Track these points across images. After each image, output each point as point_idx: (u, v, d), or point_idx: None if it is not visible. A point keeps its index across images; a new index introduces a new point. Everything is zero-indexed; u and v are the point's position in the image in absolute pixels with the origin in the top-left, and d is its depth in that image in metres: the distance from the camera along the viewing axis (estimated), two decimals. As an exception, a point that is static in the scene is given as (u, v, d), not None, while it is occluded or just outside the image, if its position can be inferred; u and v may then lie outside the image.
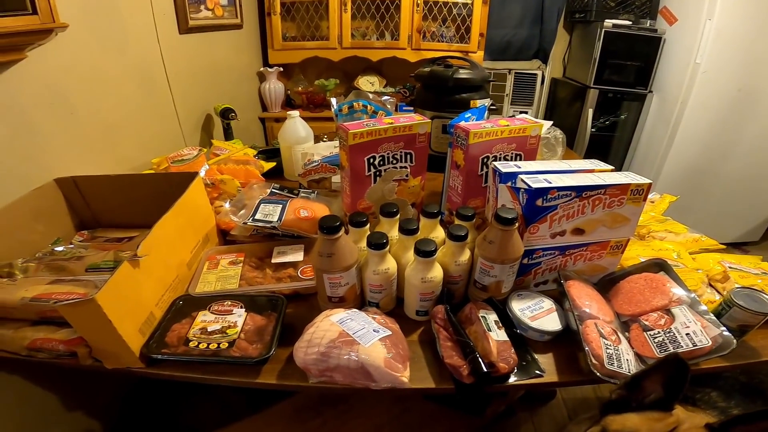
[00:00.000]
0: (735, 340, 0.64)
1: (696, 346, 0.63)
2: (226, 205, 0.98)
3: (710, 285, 0.83)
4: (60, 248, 0.88)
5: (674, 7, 2.21)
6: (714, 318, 0.68)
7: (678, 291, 0.72)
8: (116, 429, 1.16)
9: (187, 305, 0.74)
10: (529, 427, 1.41)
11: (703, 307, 0.70)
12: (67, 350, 0.66)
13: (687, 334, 0.65)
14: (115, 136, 1.24)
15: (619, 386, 0.60)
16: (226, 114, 1.67)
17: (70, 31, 1.02)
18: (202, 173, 1.01)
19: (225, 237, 0.97)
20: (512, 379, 0.65)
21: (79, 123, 1.10)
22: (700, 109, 2.14)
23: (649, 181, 0.70)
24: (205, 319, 0.70)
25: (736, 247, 2.64)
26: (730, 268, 0.83)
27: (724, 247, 0.94)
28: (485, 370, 0.61)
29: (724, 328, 0.66)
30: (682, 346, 0.64)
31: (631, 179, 0.70)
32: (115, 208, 0.97)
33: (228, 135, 1.73)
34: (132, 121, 1.31)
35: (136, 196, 0.94)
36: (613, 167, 0.78)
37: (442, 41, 2.34)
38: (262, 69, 2.29)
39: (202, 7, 1.69)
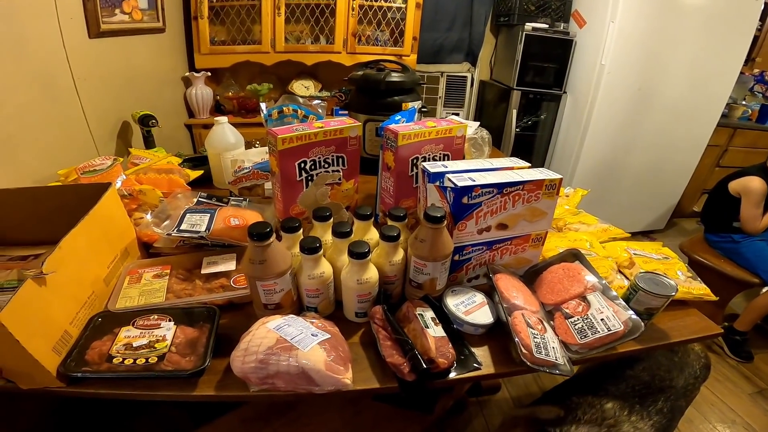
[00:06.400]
0: (643, 323, 0.68)
1: (611, 330, 0.67)
2: (148, 217, 0.91)
3: (619, 271, 0.89)
4: (-45, 270, 0.77)
5: (584, 9, 2.35)
6: (623, 303, 0.72)
7: (591, 278, 0.77)
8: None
9: (107, 322, 0.69)
10: (480, 420, 1.47)
11: (614, 293, 0.74)
12: (-25, 372, 0.59)
13: (602, 319, 0.69)
14: (13, 147, 1.11)
15: None
16: (145, 121, 1.55)
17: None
18: (118, 184, 0.93)
19: (148, 250, 0.91)
20: (452, 374, 0.67)
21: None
22: (606, 107, 2.32)
23: (560, 177, 0.76)
24: (129, 334, 0.67)
25: (645, 235, 2.90)
26: (634, 254, 0.90)
27: (629, 235, 1.03)
28: (425, 366, 0.62)
29: (632, 312, 0.70)
30: (599, 332, 0.68)
31: (545, 175, 0.76)
32: (17, 224, 0.87)
33: (149, 143, 1.61)
34: (34, 131, 1.19)
35: (41, 211, 0.85)
36: (530, 164, 0.83)
37: (377, 45, 2.37)
38: (188, 74, 2.16)
39: (117, 10, 1.58)
